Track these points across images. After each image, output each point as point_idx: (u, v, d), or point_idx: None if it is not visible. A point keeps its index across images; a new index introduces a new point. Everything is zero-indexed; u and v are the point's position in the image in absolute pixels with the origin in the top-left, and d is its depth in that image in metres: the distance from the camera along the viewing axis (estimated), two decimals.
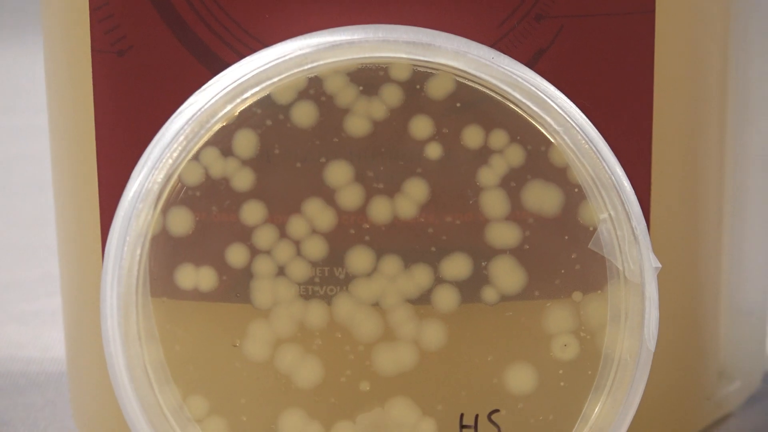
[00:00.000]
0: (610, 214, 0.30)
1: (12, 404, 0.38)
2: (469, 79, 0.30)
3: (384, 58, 0.30)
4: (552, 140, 0.30)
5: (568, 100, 0.30)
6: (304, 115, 0.30)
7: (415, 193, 0.31)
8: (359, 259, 0.31)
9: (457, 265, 0.31)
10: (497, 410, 0.31)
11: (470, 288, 0.31)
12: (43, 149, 0.35)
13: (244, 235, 0.31)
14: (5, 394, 0.39)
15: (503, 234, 0.31)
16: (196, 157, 0.30)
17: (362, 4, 0.32)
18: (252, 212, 0.31)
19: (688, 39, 0.33)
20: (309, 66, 0.30)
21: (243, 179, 0.30)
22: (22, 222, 0.53)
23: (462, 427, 0.31)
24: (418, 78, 0.30)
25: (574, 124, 0.30)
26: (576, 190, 0.30)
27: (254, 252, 0.31)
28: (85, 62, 0.33)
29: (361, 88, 0.30)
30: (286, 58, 0.30)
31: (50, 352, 0.41)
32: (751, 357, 0.38)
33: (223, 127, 0.30)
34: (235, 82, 0.30)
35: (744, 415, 0.37)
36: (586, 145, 0.30)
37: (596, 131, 0.30)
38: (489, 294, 0.31)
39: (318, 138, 0.30)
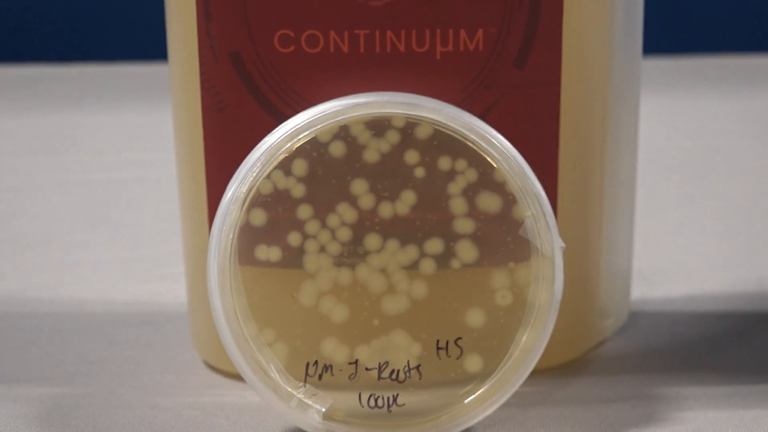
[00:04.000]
0: (532, 213, 0.30)
1: (153, 331, 0.38)
2: (442, 127, 0.30)
3: (388, 113, 0.30)
4: (495, 165, 0.30)
5: (505, 140, 0.30)
6: (337, 149, 0.30)
7: (408, 199, 0.30)
8: (372, 241, 0.30)
9: (435, 245, 0.30)
10: (460, 338, 0.30)
11: (443, 259, 0.30)
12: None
13: (299, 225, 0.30)
14: (149, 325, 0.39)
15: (464, 225, 0.30)
16: (268, 176, 0.30)
17: (374, 79, 0.31)
18: (304, 211, 0.30)
19: (581, 101, 0.33)
20: (340, 118, 0.30)
21: (298, 190, 0.30)
22: (163, 217, 0.52)
23: (438, 348, 0.30)
24: (409, 126, 0.30)
25: (509, 155, 0.30)
26: (510, 197, 0.30)
27: (305, 237, 0.30)
28: (197, 117, 0.32)
29: (373, 132, 0.30)
30: (326, 113, 0.30)
31: (178, 299, 0.41)
32: (620, 302, 0.37)
33: (286, 157, 0.30)
34: (292, 128, 0.30)
35: (616, 340, 0.37)
36: (517, 169, 0.30)
37: (523, 159, 0.30)
38: (455, 263, 0.30)
39: (346, 164, 0.30)
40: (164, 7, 0.33)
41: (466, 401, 0.30)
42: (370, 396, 0.30)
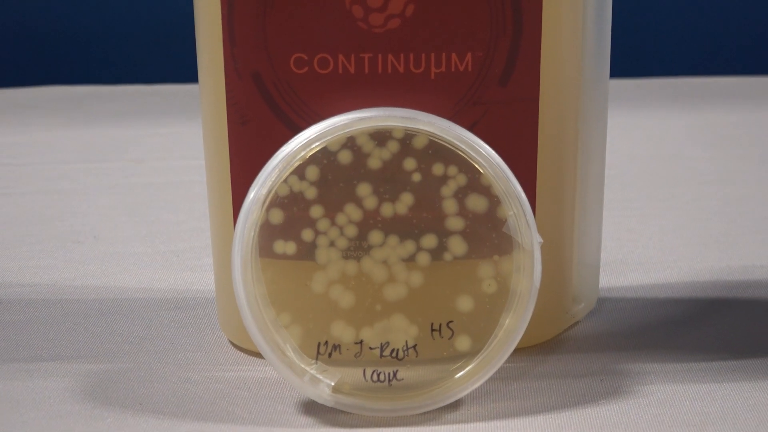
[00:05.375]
0: (514, 212, 0.30)
1: (186, 315, 0.38)
2: (436, 138, 0.30)
3: (389, 125, 0.30)
4: (481, 171, 0.30)
5: (491, 149, 0.30)
6: (345, 157, 0.30)
7: (406, 200, 0.30)
8: (375, 236, 0.30)
9: (429, 240, 0.30)
10: (452, 321, 0.30)
11: (437, 252, 0.30)
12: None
13: (311, 223, 0.30)
14: (183, 310, 0.38)
15: (455, 223, 0.30)
16: (285, 180, 0.30)
17: (376, 96, 0.31)
18: (316, 211, 0.30)
19: (557, 114, 0.33)
20: (347, 130, 0.30)
21: (311, 193, 0.30)
22: (195, 215, 0.52)
23: (432, 330, 0.30)
24: (407, 136, 0.30)
25: (494, 162, 0.30)
26: (495, 198, 0.30)
27: (317, 233, 0.30)
28: (224, 129, 0.32)
29: (376, 142, 0.30)
30: (335, 125, 0.30)
31: (208, 287, 0.41)
32: (590, 289, 0.37)
33: (300, 164, 0.30)
34: (306, 139, 0.30)
35: (586, 322, 0.37)
36: (501, 174, 0.30)
37: (506, 166, 0.30)
38: (447, 256, 0.30)
39: (352, 170, 0.30)
40: (195, 35, 0.33)
41: (456, 376, 0.30)
42: (373, 372, 0.30)
